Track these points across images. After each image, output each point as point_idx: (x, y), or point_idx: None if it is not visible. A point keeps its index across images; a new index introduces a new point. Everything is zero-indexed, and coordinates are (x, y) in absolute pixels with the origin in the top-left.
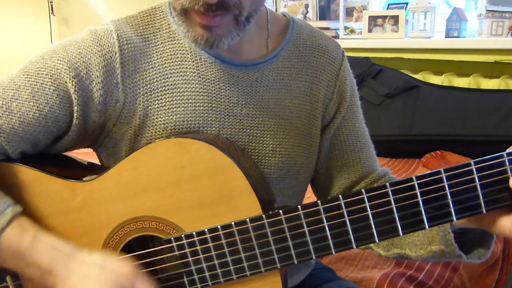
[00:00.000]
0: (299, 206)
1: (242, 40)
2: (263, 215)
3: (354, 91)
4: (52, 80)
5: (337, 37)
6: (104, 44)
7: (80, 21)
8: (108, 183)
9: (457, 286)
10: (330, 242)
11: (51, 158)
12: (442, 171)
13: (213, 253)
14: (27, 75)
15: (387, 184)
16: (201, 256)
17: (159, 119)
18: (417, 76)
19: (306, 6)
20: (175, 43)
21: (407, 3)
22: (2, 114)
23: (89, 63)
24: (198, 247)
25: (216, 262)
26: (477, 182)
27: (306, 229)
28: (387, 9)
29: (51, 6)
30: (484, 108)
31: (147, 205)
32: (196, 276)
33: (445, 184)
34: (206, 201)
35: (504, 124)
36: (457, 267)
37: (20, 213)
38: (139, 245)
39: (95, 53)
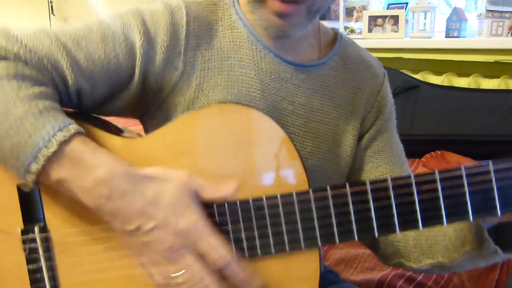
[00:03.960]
0: (346, 184)
1: (297, 41)
2: (310, 190)
3: (393, 109)
4: (124, 31)
5: None
6: (174, 15)
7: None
8: (154, 142)
9: (456, 287)
10: (375, 224)
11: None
12: (491, 163)
13: (254, 223)
14: (102, 22)
15: (436, 170)
16: (241, 225)
17: (214, 96)
18: (417, 76)
19: None
20: (235, 32)
21: (407, 3)
22: (71, 45)
23: (159, 26)
24: (240, 216)
25: (256, 233)
26: None
27: (351, 208)
28: (387, 9)
29: (51, 6)
30: (484, 108)
31: (191, 168)
32: (233, 245)
33: (492, 176)
34: (253, 169)
35: (504, 124)
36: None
37: (83, 134)
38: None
39: (166, 19)
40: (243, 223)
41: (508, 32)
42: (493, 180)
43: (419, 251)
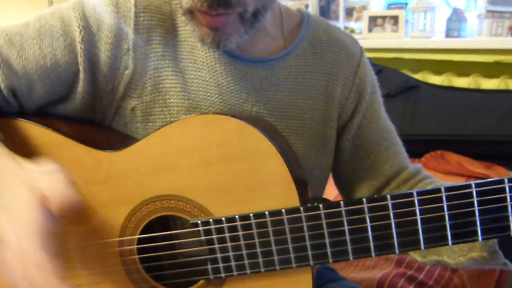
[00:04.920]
0: (341, 202)
1: (254, 37)
2: (301, 208)
3: (375, 88)
4: (62, 25)
5: None
6: (120, 7)
7: None
8: (135, 156)
9: (457, 286)
10: (371, 244)
11: (77, 122)
12: (506, 181)
13: (242, 242)
14: (40, 16)
15: (442, 188)
16: (228, 244)
17: (171, 100)
18: (417, 76)
19: (306, 6)
20: (186, 30)
21: (407, 3)
22: (3, 43)
23: (102, 21)
24: (227, 234)
25: (244, 252)
26: None
27: (346, 227)
28: (387, 9)
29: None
30: (484, 108)
31: (175, 183)
32: (221, 265)
33: (508, 195)
34: (240, 185)
35: (504, 124)
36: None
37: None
38: (162, 225)
39: (110, 12)
40: (230, 242)
41: (508, 32)
42: (508, 198)
43: None
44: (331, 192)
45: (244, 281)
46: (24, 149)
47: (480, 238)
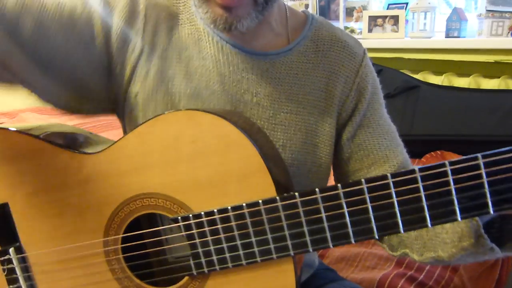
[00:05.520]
0: (317, 189)
1: (258, 30)
2: (277, 197)
3: (376, 88)
4: None
5: None
6: (134, 1)
7: None
8: (114, 156)
9: (457, 286)
10: (350, 230)
11: (58, 130)
12: (480, 157)
13: (222, 235)
14: None
15: (416, 168)
16: (209, 238)
17: (173, 88)
18: (417, 76)
19: (306, 6)
20: (193, 24)
21: (407, 3)
22: None
23: (119, 2)
24: (206, 229)
25: (224, 245)
26: None
27: (323, 214)
28: (387, 9)
29: None
30: (484, 108)
31: (154, 181)
32: (203, 259)
33: (483, 171)
34: (217, 179)
35: (504, 124)
36: (457, 268)
37: None
38: (146, 223)
39: (126, 2)
40: (210, 236)
41: (508, 32)
42: (484, 175)
43: (421, 243)
44: None
45: (227, 275)
46: (5, 157)
47: (459, 217)
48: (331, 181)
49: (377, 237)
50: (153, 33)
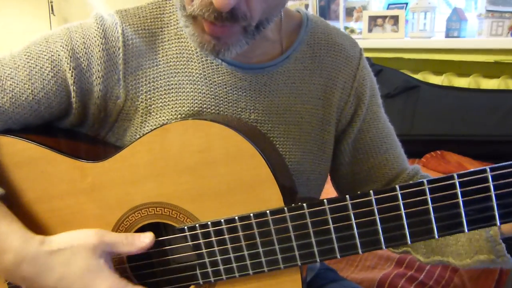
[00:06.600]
0: (325, 200)
1: (253, 43)
2: (285, 208)
3: (374, 90)
4: (52, 66)
5: None
6: (108, 38)
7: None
8: (119, 165)
9: (457, 286)
10: (358, 241)
11: (62, 133)
12: (488, 170)
13: (229, 246)
14: (28, 55)
15: (425, 181)
16: (216, 248)
17: (162, 117)
18: (417, 76)
19: (306, 6)
20: (182, 42)
21: (407, 3)
22: None
23: (91, 55)
24: (213, 239)
25: (231, 255)
26: None
27: (331, 225)
28: (387, 9)
29: (51, 6)
30: (484, 108)
31: (160, 190)
32: (209, 269)
33: (491, 184)
34: (224, 189)
35: (504, 124)
36: (458, 268)
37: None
38: (153, 233)
39: (98, 45)
40: (217, 246)
41: (508, 32)
42: (492, 188)
43: (428, 249)
44: (333, 193)
45: (233, 285)
46: (9, 163)
47: (466, 229)
48: (329, 183)
49: (384, 248)
50: (137, 69)
